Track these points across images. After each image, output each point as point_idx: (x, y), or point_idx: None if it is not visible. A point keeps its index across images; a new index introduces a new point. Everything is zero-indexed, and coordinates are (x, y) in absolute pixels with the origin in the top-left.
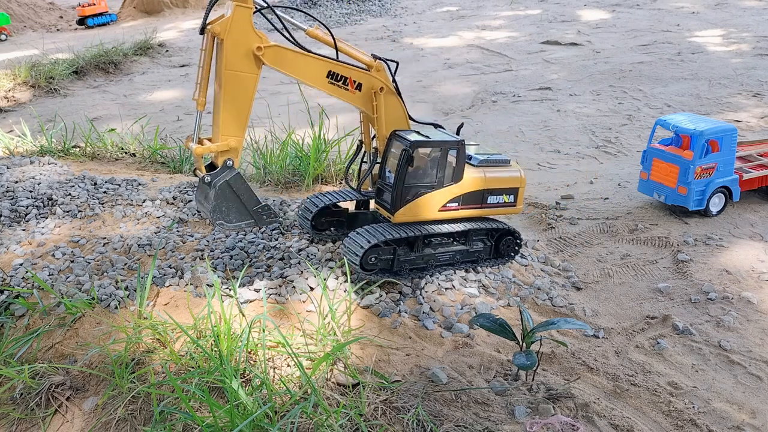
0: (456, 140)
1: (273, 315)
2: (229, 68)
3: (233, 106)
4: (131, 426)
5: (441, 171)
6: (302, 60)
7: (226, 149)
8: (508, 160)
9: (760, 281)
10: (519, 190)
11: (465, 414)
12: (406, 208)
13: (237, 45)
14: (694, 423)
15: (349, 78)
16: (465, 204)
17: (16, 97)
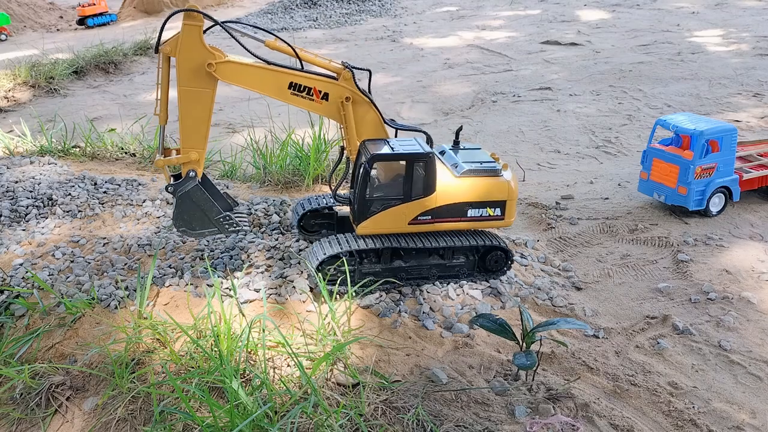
0: (423, 153)
1: (273, 315)
2: (183, 85)
3: (191, 121)
4: (131, 426)
5: (408, 184)
6: (260, 73)
7: (186, 161)
8: (497, 170)
9: (760, 281)
10: (507, 202)
11: (465, 414)
12: (370, 221)
13: (188, 62)
14: (694, 423)
15: (313, 88)
16: (440, 217)
17: (16, 97)
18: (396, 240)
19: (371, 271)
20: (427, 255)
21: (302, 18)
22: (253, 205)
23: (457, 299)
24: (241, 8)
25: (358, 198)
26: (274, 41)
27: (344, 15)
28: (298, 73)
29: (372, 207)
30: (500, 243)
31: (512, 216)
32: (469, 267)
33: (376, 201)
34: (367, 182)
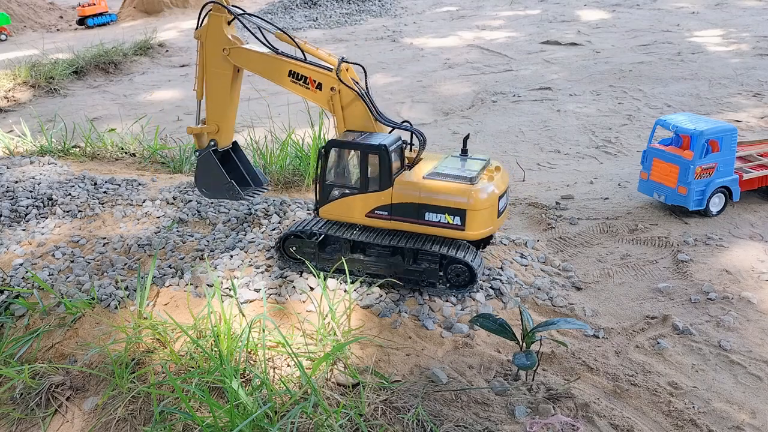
0: (376, 145)
1: (273, 315)
2: (208, 66)
3: (213, 97)
4: (131, 426)
5: (363, 175)
6: (264, 60)
7: (209, 131)
8: (467, 177)
9: (760, 281)
10: (467, 212)
11: (465, 414)
12: (330, 206)
13: (211, 46)
14: (694, 423)
15: (309, 77)
16: (398, 215)
17: (16, 97)
18: (350, 230)
19: (330, 259)
20: (386, 253)
21: (302, 18)
22: (253, 205)
23: (457, 300)
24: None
25: (319, 181)
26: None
27: (344, 15)
28: (297, 63)
29: (331, 192)
30: (462, 256)
31: (477, 229)
32: (430, 275)
33: (336, 187)
34: (324, 166)
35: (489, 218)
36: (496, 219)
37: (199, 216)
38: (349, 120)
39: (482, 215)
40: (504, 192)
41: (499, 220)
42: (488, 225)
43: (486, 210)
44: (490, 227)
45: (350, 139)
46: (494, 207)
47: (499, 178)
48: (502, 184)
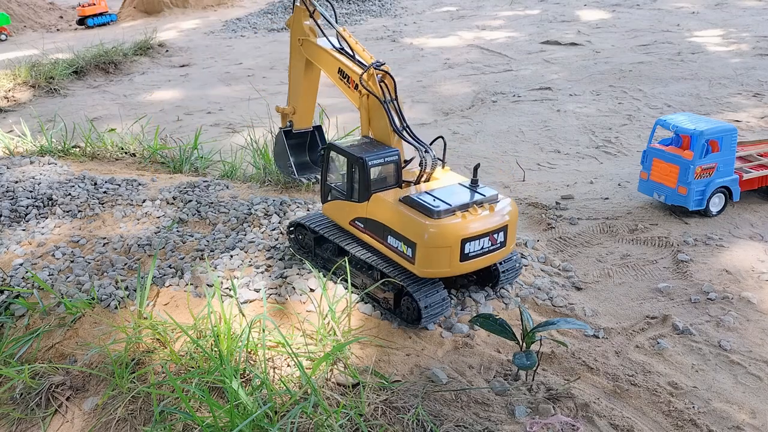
0: (357, 157)
1: (273, 315)
2: (291, 52)
3: (293, 81)
4: (131, 426)
5: (349, 183)
6: (324, 55)
7: (288, 112)
8: (432, 210)
9: (760, 281)
10: (417, 246)
11: (465, 414)
12: (328, 204)
13: (293, 35)
14: (694, 423)
15: (350, 77)
16: (369, 230)
17: (16, 97)
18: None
19: (322, 257)
20: (361, 266)
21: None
22: (253, 205)
23: (458, 300)
24: (241, 8)
25: (321, 179)
26: (342, 30)
27: (344, 15)
28: (344, 61)
29: (329, 192)
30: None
31: (426, 266)
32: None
33: (333, 189)
34: (324, 166)
35: (443, 259)
36: (458, 262)
37: (199, 216)
38: (372, 128)
39: (434, 254)
40: (486, 233)
41: (467, 264)
42: (443, 266)
43: (439, 249)
44: (446, 269)
45: (355, 143)
46: (453, 248)
47: (482, 218)
48: (482, 226)
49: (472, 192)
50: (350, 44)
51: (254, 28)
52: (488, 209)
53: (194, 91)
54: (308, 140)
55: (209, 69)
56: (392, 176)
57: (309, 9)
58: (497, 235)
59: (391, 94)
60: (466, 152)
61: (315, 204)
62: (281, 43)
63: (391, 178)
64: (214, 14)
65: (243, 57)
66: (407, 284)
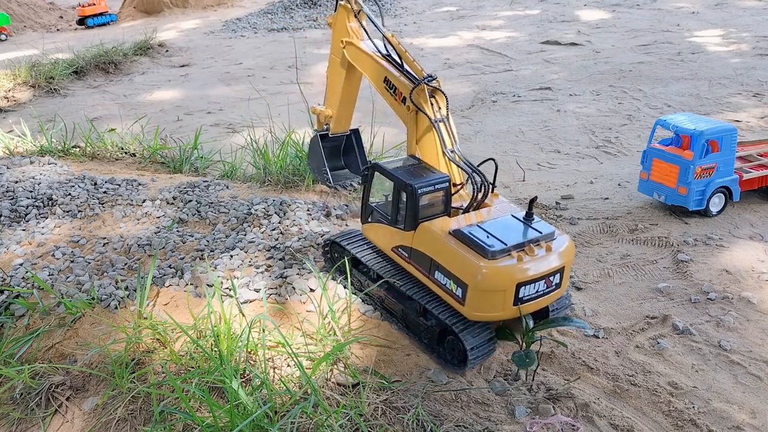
0: (407, 183)
1: (273, 315)
2: (332, 53)
3: (331, 84)
4: (131, 426)
5: (394, 208)
6: (368, 61)
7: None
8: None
9: (760, 281)
10: (469, 288)
11: (465, 414)
12: (369, 225)
13: (336, 35)
14: (694, 423)
15: (398, 89)
16: (415, 261)
17: (16, 97)
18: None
19: (359, 279)
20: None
21: (302, 18)
22: (253, 205)
23: None
24: (241, 8)
25: (362, 199)
26: (392, 36)
27: None
28: (391, 70)
29: (370, 214)
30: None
31: (477, 309)
32: (430, 336)
33: (374, 211)
34: (366, 186)
35: (496, 303)
36: (511, 306)
37: (199, 216)
38: (420, 147)
39: (486, 297)
40: (541, 277)
41: (521, 307)
42: (495, 310)
43: (492, 293)
44: (498, 313)
45: (402, 165)
46: (507, 292)
47: (540, 260)
48: (539, 268)
49: (528, 228)
50: (399, 52)
51: (254, 28)
52: (545, 249)
53: (194, 91)
54: (343, 143)
55: (209, 69)
56: (441, 204)
57: (354, 9)
58: (553, 278)
59: (443, 111)
60: (467, 152)
61: (315, 204)
62: (281, 43)
63: (440, 206)
64: (214, 14)
65: (243, 57)
66: (453, 323)
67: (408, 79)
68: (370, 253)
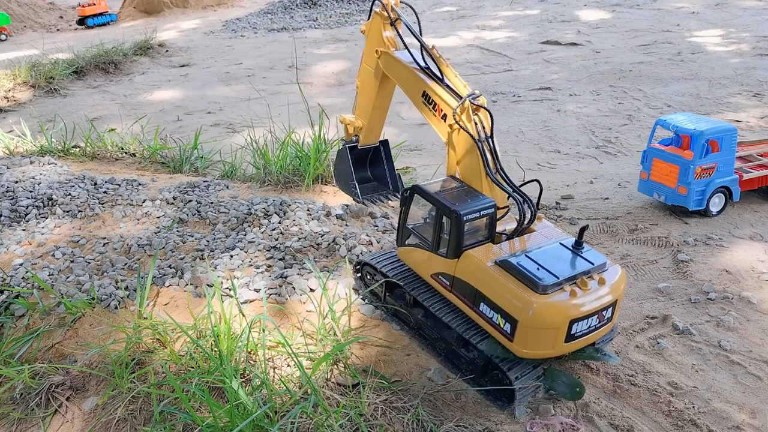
0: (451, 209)
1: (273, 315)
2: (364, 61)
3: (363, 94)
4: (131, 426)
5: (436, 234)
6: (406, 73)
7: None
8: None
9: (760, 281)
10: (519, 325)
11: (465, 414)
12: (406, 249)
13: (369, 44)
14: (694, 423)
15: (438, 105)
16: (457, 291)
17: (16, 97)
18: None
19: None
20: (442, 324)
21: (302, 18)
22: (253, 205)
23: None
24: (241, 8)
25: (400, 222)
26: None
27: (344, 15)
28: (432, 85)
29: (408, 237)
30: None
31: (527, 347)
32: (473, 370)
33: (413, 234)
34: (404, 208)
35: (547, 341)
36: (563, 343)
37: (199, 216)
38: (461, 167)
39: (537, 335)
40: (594, 312)
41: (571, 345)
42: (546, 348)
43: (544, 331)
44: (549, 351)
45: (444, 187)
46: (560, 330)
47: (593, 294)
48: (592, 304)
49: (579, 258)
50: (440, 66)
51: (254, 28)
52: (598, 281)
53: (194, 91)
54: (370, 154)
55: (209, 69)
56: (485, 230)
57: (392, 17)
58: (606, 312)
59: (487, 131)
60: None
61: (315, 204)
62: (281, 43)
63: (484, 232)
64: (214, 14)
65: (243, 57)
66: (499, 360)
67: (450, 95)
68: (406, 277)
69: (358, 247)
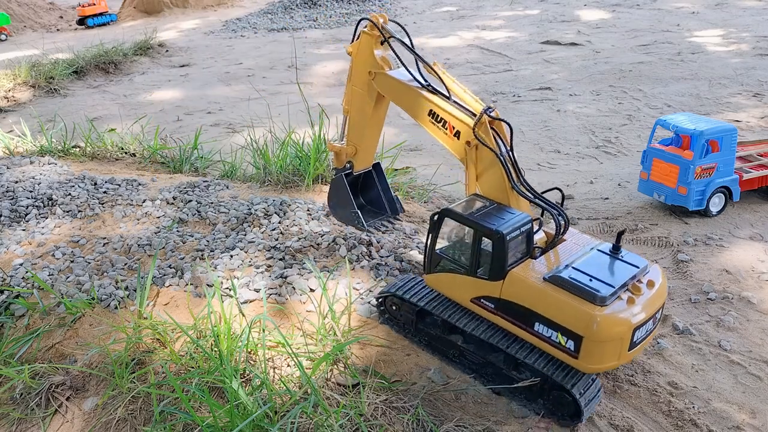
0: (493, 230)
1: (273, 315)
2: (353, 84)
3: (355, 118)
4: (131, 426)
5: (473, 257)
6: (407, 92)
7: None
8: (598, 296)
9: (760, 281)
10: (584, 340)
11: (465, 414)
12: (436, 276)
13: (359, 66)
14: (694, 423)
15: (448, 122)
16: (505, 313)
17: (16, 97)
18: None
19: (426, 332)
20: (487, 348)
21: (302, 18)
22: (253, 205)
23: None
24: (241, 8)
25: (428, 248)
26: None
27: (344, 15)
28: (439, 103)
29: (439, 263)
30: (566, 384)
31: (594, 362)
32: (529, 393)
33: (444, 259)
34: (433, 234)
35: (613, 352)
36: (626, 352)
37: (199, 216)
38: (483, 182)
39: (604, 348)
40: (650, 317)
41: (632, 352)
42: (611, 360)
43: (610, 343)
44: (614, 362)
45: (473, 207)
46: (624, 340)
47: (648, 299)
48: (648, 308)
49: (622, 263)
50: (446, 84)
51: (254, 28)
52: (647, 284)
53: (194, 91)
54: (361, 178)
55: (209, 69)
56: (524, 246)
57: (384, 36)
58: (658, 314)
59: (506, 144)
60: None
61: (315, 204)
62: (281, 43)
63: (524, 249)
64: (214, 14)
65: (243, 57)
66: (560, 378)
67: (463, 112)
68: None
69: (358, 247)
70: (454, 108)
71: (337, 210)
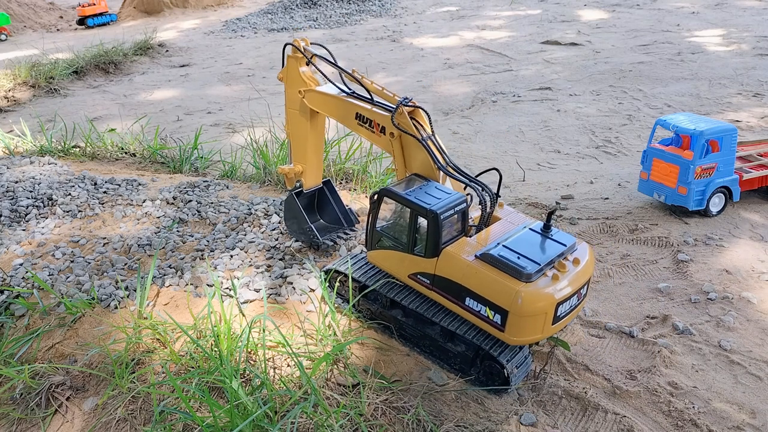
0: (427, 209)
1: (273, 315)
2: (289, 106)
3: (296, 139)
4: (131, 426)
5: (410, 234)
6: (334, 102)
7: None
8: (522, 272)
9: (760, 281)
10: (509, 315)
11: (465, 414)
12: (377, 253)
13: (290, 88)
14: (694, 423)
15: (373, 121)
16: (439, 288)
17: (16, 97)
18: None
19: (369, 307)
20: (424, 321)
21: (302, 18)
22: (253, 205)
23: None
24: (241, 8)
25: (369, 226)
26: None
27: (344, 15)
28: (362, 105)
29: (379, 240)
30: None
31: (518, 335)
32: (465, 362)
33: (384, 237)
34: (373, 212)
35: (537, 326)
36: (550, 326)
37: (199, 216)
38: (410, 169)
39: (528, 322)
40: (575, 292)
41: (556, 326)
42: (535, 333)
43: (533, 317)
44: (538, 335)
45: (411, 187)
46: (548, 314)
47: (572, 275)
48: (573, 284)
49: (551, 241)
50: (365, 85)
51: (254, 28)
52: (573, 262)
53: (194, 91)
54: (316, 198)
55: (209, 69)
56: (459, 225)
57: (307, 57)
58: (583, 290)
59: (427, 129)
60: (467, 152)
61: None
62: (281, 43)
63: (458, 227)
64: (214, 14)
65: (243, 57)
66: (488, 347)
67: (381, 109)
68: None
69: (358, 247)
70: (375, 107)
71: (293, 229)
